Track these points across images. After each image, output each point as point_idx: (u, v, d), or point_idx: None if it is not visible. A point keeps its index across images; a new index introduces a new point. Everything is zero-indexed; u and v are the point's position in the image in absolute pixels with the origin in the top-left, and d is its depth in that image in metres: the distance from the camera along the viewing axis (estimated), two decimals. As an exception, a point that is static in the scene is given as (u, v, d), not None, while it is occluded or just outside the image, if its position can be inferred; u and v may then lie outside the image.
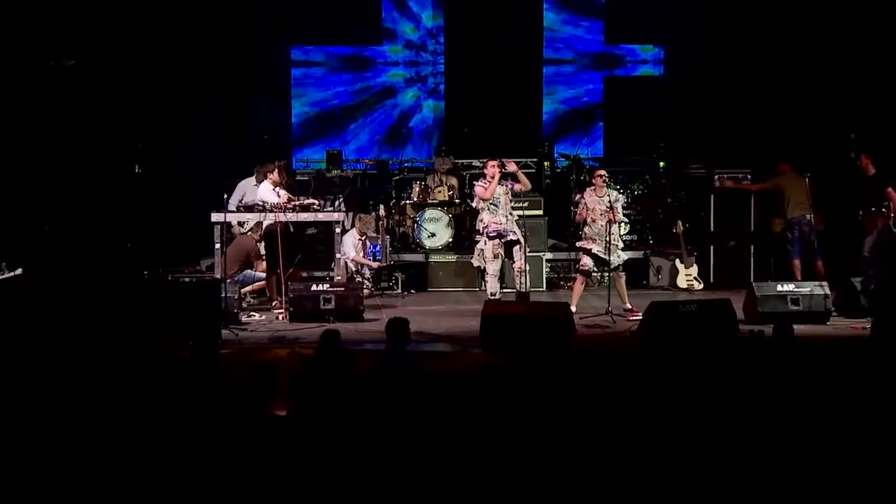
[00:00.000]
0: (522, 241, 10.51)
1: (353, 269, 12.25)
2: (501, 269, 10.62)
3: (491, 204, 10.40)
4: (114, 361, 7.24)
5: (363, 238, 12.43)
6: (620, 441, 5.49)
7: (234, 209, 10.73)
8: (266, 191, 10.86)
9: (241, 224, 11.47)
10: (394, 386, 6.02)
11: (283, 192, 10.83)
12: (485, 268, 10.53)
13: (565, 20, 15.58)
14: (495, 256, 10.44)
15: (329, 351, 6.28)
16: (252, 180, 11.41)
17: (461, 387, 6.31)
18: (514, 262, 10.49)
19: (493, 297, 10.32)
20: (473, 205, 10.72)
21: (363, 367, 6.72)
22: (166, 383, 6.01)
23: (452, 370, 7.64)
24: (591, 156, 14.97)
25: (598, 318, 10.25)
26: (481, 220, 10.55)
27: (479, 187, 10.51)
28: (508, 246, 10.49)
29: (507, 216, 10.44)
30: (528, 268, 10.58)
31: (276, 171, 10.96)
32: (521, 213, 10.79)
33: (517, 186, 10.55)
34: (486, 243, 10.47)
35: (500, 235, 10.41)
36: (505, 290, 10.98)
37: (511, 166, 10.53)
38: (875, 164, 11.33)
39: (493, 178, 10.40)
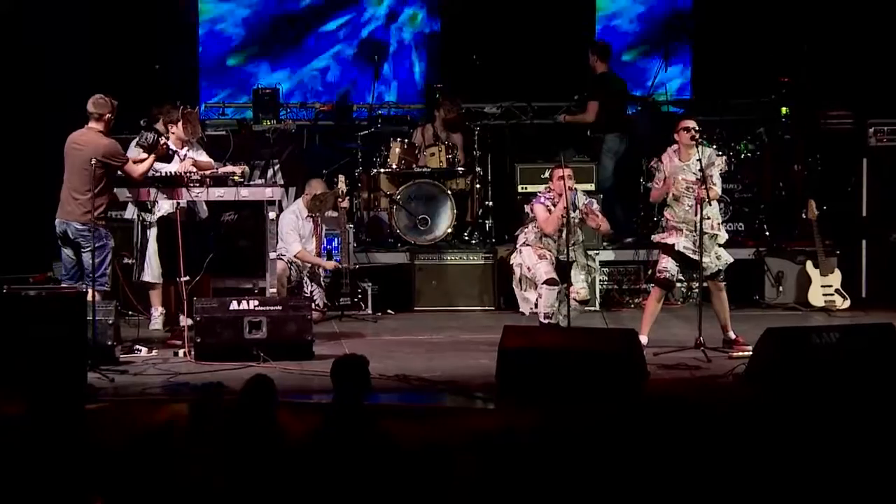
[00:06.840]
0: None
1: (299, 275, 12.20)
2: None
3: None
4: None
5: (314, 217, 12.32)
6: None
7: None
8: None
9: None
10: (341, 457, 6.05)
11: (190, 155, 10.79)
12: (527, 279, 10.70)
13: None
14: (540, 258, 10.61)
15: (252, 412, 6.31)
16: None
17: (463, 461, 6.29)
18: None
19: (547, 322, 10.46)
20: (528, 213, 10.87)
21: (308, 428, 6.72)
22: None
23: (455, 437, 7.61)
24: (673, 97, 14.97)
25: (684, 353, 10.32)
26: (525, 233, 10.80)
27: (540, 208, 10.68)
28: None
29: (561, 248, 10.60)
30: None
31: (182, 121, 10.90)
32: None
33: (593, 222, 10.83)
34: (521, 251, 10.74)
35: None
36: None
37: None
38: None
39: (559, 196, 10.54)
